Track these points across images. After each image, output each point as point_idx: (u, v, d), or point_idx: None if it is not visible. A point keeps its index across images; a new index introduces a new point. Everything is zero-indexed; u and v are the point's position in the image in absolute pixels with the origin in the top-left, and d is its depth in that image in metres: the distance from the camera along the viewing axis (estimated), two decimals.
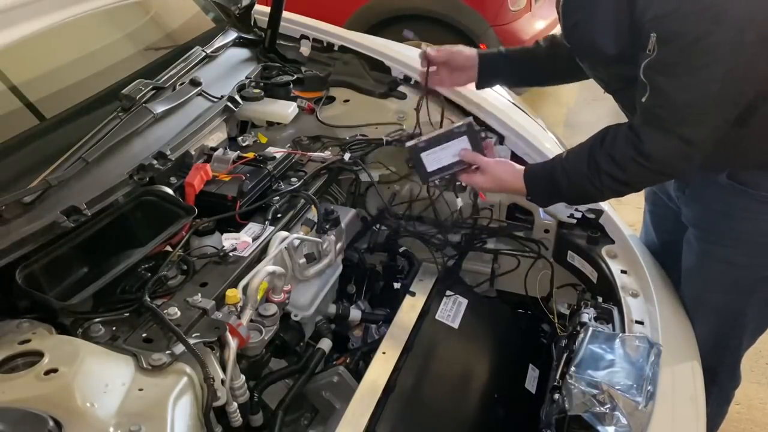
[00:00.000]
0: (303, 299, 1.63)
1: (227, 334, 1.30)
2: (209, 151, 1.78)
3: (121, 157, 1.58)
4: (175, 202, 1.54)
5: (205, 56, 2.00)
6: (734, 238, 1.58)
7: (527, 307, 2.01)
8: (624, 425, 1.29)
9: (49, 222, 1.35)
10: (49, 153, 1.49)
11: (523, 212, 2.01)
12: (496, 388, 1.64)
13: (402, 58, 2.15)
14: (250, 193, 1.64)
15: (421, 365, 1.55)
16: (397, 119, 2.03)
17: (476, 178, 1.61)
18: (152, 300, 1.33)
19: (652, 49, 1.34)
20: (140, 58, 1.94)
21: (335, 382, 1.57)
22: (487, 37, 4.06)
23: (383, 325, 1.81)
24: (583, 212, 1.85)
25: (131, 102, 1.67)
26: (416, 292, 1.78)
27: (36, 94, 1.64)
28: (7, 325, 1.24)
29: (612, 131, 1.48)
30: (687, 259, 1.70)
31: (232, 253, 1.50)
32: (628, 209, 3.40)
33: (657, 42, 1.33)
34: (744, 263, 1.58)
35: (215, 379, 1.22)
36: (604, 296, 1.69)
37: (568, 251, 1.88)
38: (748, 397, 2.49)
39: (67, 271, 1.38)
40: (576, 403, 1.33)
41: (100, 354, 1.19)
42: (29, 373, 1.12)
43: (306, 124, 2.03)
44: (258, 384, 1.47)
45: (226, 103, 1.89)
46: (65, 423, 1.03)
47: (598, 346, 1.43)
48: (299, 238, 1.60)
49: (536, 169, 1.58)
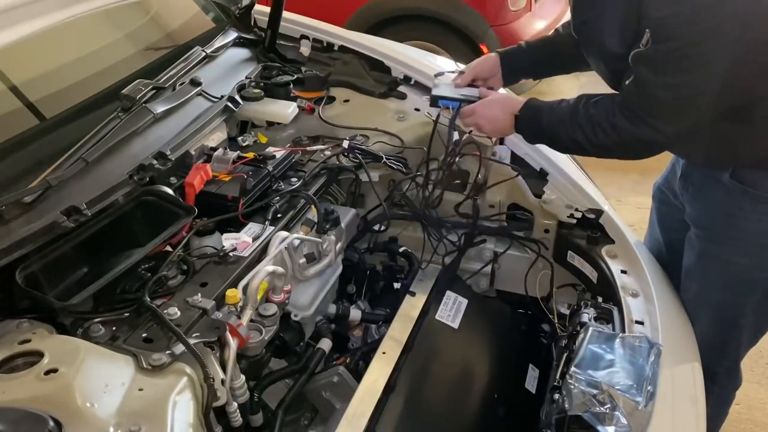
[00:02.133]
0: (303, 299, 1.63)
1: (227, 334, 1.30)
2: (209, 151, 1.78)
3: (121, 157, 1.58)
4: (175, 202, 1.54)
5: (205, 56, 2.00)
6: (735, 237, 1.58)
7: (527, 307, 2.01)
8: (624, 425, 1.29)
9: (49, 222, 1.35)
10: (49, 153, 1.49)
11: (524, 212, 2.01)
12: (496, 388, 1.64)
13: (402, 58, 2.15)
14: (252, 191, 1.65)
15: (421, 365, 1.55)
16: (397, 119, 2.03)
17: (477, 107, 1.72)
18: (152, 300, 1.32)
19: (646, 43, 1.38)
20: (140, 58, 1.94)
21: (335, 382, 1.57)
22: (487, 37, 4.06)
23: (383, 325, 1.81)
24: (583, 212, 1.86)
25: (131, 102, 1.67)
26: (416, 292, 1.78)
27: (36, 94, 1.64)
28: (7, 325, 1.24)
29: (602, 96, 1.54)
30: (688, 258, 1.71)
31: (232, 253, 1.50)
32: (628, 209, 3.40)
33: (651, 38, 1.36)
34: (744, 263, 1.59)
35: (215, 379, 1.22)
36: (604, 296, 1.69)
37: (568, 251, 1.88)
38: (748, 397, 2.49)
39: (67, 271, 1.37)
40: (576, 403, 1.33)
41: (100, 354, 1.19)
42: (29, 373, 1.12)
43: (306, 124, 2.03)
44: (258, 384, 1.47)
45: (226, 103, 1.89)
46: (65, 423, 1.03)
47: (598, 346, 1.43)
48: (299, 238, 1.60)
49: (530, 104, 1.66)
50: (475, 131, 1.77)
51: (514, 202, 2.00)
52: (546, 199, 1.90)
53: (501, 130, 1.75)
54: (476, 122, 1.72)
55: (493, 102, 1.72)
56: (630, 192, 3.57)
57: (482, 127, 1.72)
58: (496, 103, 1.71)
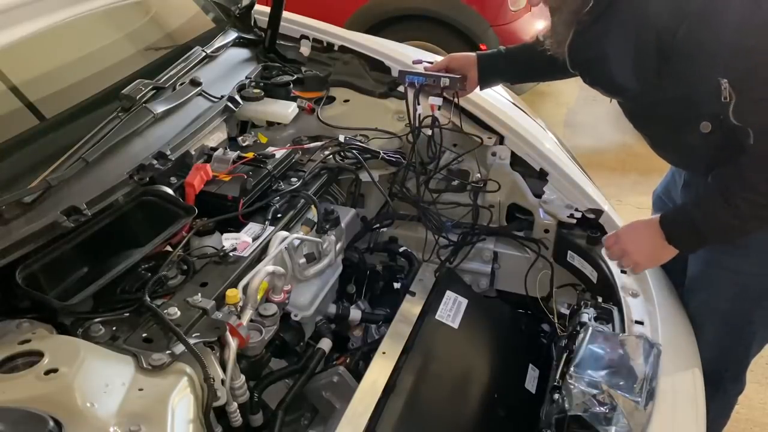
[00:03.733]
0: (303, 299, 1.63)
1: (227, 334, 1.30)
2: (209, 151, 1.78)
3: (121, 157, 1.58)
4: (175, 202, 1.54)
5: (205, 56, 2.00)
6: (742, 246, 1.54)
7: (527, 307, 2.01)
8: (624, 425, 1.29)
9: (49, 222, 1.35)
10: (49, 153, 1.49)
11: (524, 212, 2.01)
12: (496, 388, 1.64)
13: (402, 58, 2.15)
14: (252, 192, 1.65)
15: (421, 365, 1.55)
16: (397, 119, 2.03)
17: (621, 232, 1.58)
18: (152, 300, 1.33)
19: (729, 96, 1.31)
20: (140, 58, 1.94)
21: (335, 382, 1.57)
22: (487, 37, 4.06)
23: (383, 325, 1.81)
24: (583, 212, 1.86)
25: (131, 102, 1.67)
26: (416, 292, 1.78)
27: (36, 94, 1.64)
28: (7, 325, 1.25)
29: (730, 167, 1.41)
30: (693, 267, 1.69)
31: (232, 253, 1.50)
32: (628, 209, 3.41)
33: (731, 86, 1.30)
34: (751, 272, 1.56)
35: (215, 379, 1.22)
36: (604, 296, 1.68)
37: (568, 251, 1.88)
38: (748, 397, 2.48)
39: (67, 271, 1.38)
40: (576, 403, 1.33)
41: (100, 354, 1.20)
42: (29, 373, 1.12)
43: (306, 124, 2.03)
44: (258, 384, 1.47)
45: (226, 103, 1.89)
46: (65, 423, 1.03)
47: (598, 346, 1.43)
48: (299, 238, 1.60)
49: (668, 213, 1.53)
50: (626, 265, 1.60)
51: (514, 202, 2.00)
52: (546, 199, 1.91)
53: (658, 255, 1.54)
54: (623, 249, 1.56)
55: (633, 226, 1.58)
56: (630, 192, 3.57)
57: (631, 254, 1.54)
58: (637, 225, 1.57)
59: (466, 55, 1.86)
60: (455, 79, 1.79)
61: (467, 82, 1.83)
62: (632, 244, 1.55)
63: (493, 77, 1.89)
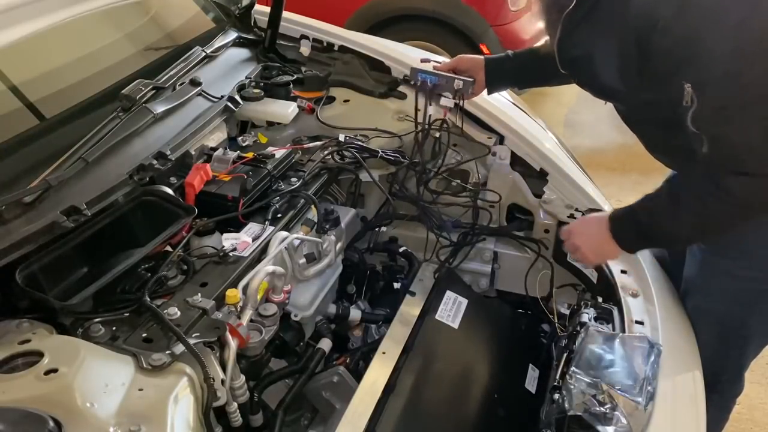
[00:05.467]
0: (303, 299, 1.63)
1: (227, 334, 1.30)
2: (209, 151, 1.78)
3: (121, 157, 1.58)
4: (175, 202, 1.54)
5: (205, 56, 2.00)
6: (738, 250, 1.54)
7: (527, 307, 2.01)
8: (624, 425, 1.29)
9: (49, 222, 1.35)
10: (49, 153, 1.49)
11: (524, 212, 2.01)
12: (496, 388, 1.64)
13: (402, 58, 2.15)
14: (252, 191, 1.65)
15: (421, 365, 1.55)
16: (398, 119, 2.03)
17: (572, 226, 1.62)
18: (152, 300, 1.32)
19: (690, 100, 1.30)
20: (140, 58, 1.94)
21: (335, 382, 1.57)
22: (487, 37, 4.06)
23: (383, 325, 1.81)
24: (583, 212, 1.85)
25: (131, 102, 1.67)
26: (416, 292, 1.78)
27: (36, 94, 1.64)
28: (7, 325, 1.24)
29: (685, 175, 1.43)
30: (690, 269, 1.69)
31: (232, 253, 1.50)
32: None
33: (694, 91, 1.29)
34: (747, 275, 1.56)
35: (215, 379, 1.22)
36: (604, 296, 1.69)
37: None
38: (748, 397, 2.48)
39: (67, 271, 1.38)
40: (576, 403, 1.33)
41: (100, 354, 1.20)
42: (29, 373, 1.12)
43: (306, 124, 2.03)
44: (258, 384, 1.47)
45: (226, 103, 1.89)
46: (65, 423, 1.03)
47: (598, 346, 1.43)
48: (299, 238, 1.60)
49: (616, 211, 1.55)
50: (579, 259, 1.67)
51: (514, 202, 2.00)
52: (546, 199, 1.91)
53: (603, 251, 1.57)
54: (573, 243, 1.60)
55: (585, 220, 1.64)
56: (630, 192, 3.56)
57: (580, 248, 1.58)
58: (590, 220, 1.62)
59: (474, 58, 1.86)
60: (468, 83, 1.80)
61: (475, 85, 1.84)
62: (582, 239, 1.58)
63: (501, 81, 1.89)
